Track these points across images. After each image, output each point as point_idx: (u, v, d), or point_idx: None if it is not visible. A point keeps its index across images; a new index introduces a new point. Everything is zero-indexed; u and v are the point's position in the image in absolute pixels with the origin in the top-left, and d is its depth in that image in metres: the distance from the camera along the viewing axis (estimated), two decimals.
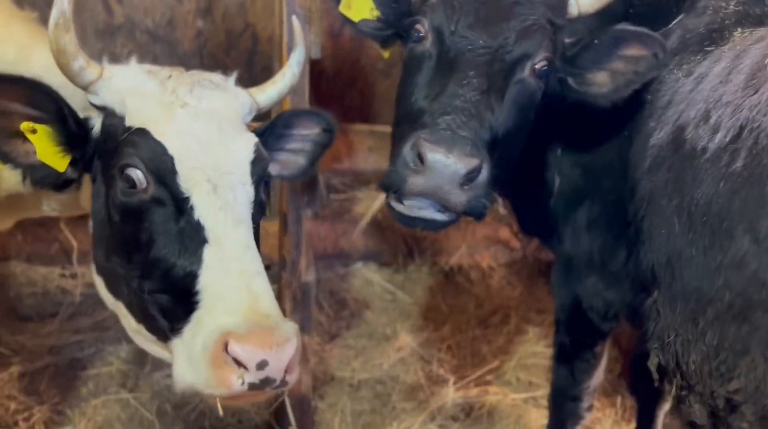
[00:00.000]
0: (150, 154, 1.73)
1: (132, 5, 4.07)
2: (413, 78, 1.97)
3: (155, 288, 1.74)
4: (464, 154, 1.70)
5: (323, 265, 4.10)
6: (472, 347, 3.75)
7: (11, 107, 1.71)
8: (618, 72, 2.00)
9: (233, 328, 1.58)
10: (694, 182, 1.60)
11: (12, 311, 3.54)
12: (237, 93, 1.99)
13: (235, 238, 1.72)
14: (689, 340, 1.55)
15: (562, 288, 2.38)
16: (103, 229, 1.86)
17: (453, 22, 1.91)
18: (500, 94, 1.89)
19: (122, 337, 3.52)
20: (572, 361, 2.45)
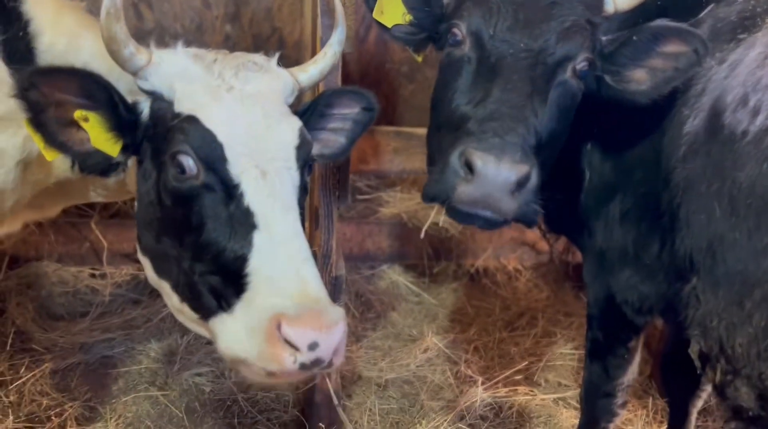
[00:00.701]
0: (200, 142, 1.77)
1: (162, 11, 4.14)
2: (453, 83, 1.96)
3: (206, 270, 1.78)
4: (515, 161, 1.69)
5: (349, 266, 4.08)
6: (500, 349, 3.72)
7: (65, 97, 1.76)
8: (657, 69, 1.97)
9: (285, 310, 1.63)
10: (735, 166, 1.59)
11: (44, 310, 3.59)
12: (280, 74, 2.01)
13: (285, 223, 1.76)
14: (734, 324, 1.53)
15: (595, 282, 2.35)
16: (152, 211, 1.89)
17: (492, 26, 1.90)
18: (543, 97, 1.88)
19: (151, 336, 3.58)
20: (606, 356, 2.42)
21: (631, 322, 2.28)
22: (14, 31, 1.93)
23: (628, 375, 2.45)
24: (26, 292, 3.61)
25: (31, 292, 3.63)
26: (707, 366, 1.68)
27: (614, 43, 2.01)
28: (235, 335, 1.72)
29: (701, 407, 2.88)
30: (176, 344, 3.51)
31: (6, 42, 1.90)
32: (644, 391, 3.38)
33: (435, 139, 2.04)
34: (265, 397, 3.24)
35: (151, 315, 3.70)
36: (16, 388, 3.07)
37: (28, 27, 1.98)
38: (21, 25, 1.96)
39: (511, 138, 1.74)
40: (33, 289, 3.65)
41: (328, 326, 1.63)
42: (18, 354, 3.28)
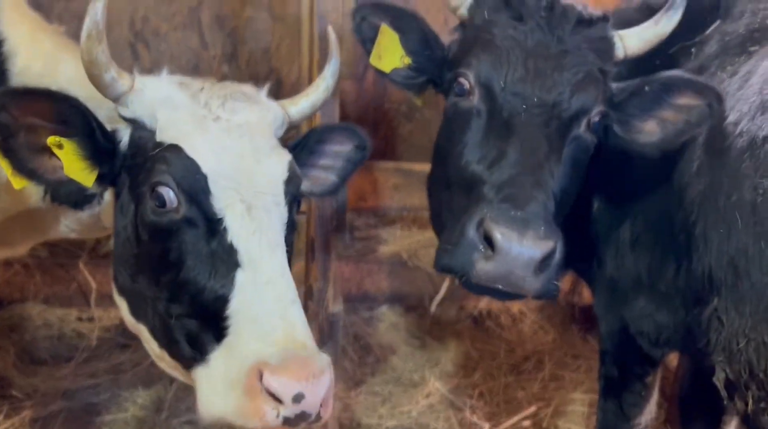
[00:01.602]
0: (183, 172, 1.66)
1: (159, 51, 4.13)
2: (462, 136, 1.85)
3: (183, 312, 1.65)
4: (539, 238, 1.56)
5: (347, 308, 3.94)
6: (506, 394, 3.55)
7: (38, 122, 1.65)
8: (668, 121, 1.89)
9: (268, 358, 1.49)
10: (757, 172, 1.49)
11: (26, 354, 3.43)
12: (269, 106, 1.93)
13: (270, 262, 1.64)
14: (766, 343, 1.40)
15: (608, 314, 2.23)
16: (128, 247, 1.77)
17: (502, 77, 1.80)
18: (558, 155, 1.78)
19: (139, 382, 3.40)
20: (621, 394, 2.27)
21: (647, 356, 2.15)
22: None
23: (645, 414, 2.29)
24: (8, 336, 3.46)
25: (14, 335, 3.48)
26: (736, 395, 1.54)
27: (624, 92, 1.92)
28: (213, 389, 1.59)
29: None
30: (165, 391, 3.34)
31: None
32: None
33: (443, 196, 1.93)
34: None
35: (140, 359, 3.52)
36: None
37: (2, 47, 1.91)
38: None
39: (533, 209, 1.62)
40: (16, 332, 3.50)
41: (315, 375, 1.50)
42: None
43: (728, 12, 2.00)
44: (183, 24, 4.15)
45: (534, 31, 1.82)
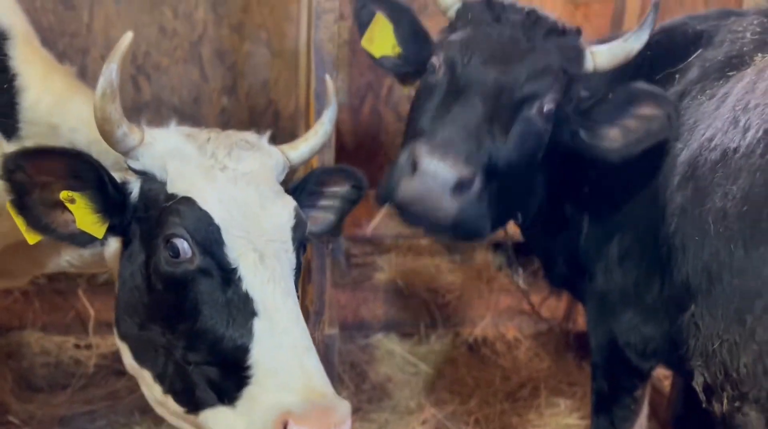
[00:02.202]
0: (196, 223, 1.69)
1: (159, 84, 4.25)
2: (422, 104, 2.02)
3: (201, 359, 1.68)
4: (456, 163, 1.72)
5: (343, 336, 3.97)
6: (502, 420, 3.55)
7: (52, 179, 1.68)
8: (630, 129, 2.01)
9: (292, 408, 1.53)
10: (728, 180, 1.56)
11: (24, 381, 3.44)
12: (271, 152, 1.97)
13: (285, 310, 1.67)
14: (737, 343, 1.45)
15: (598, 327, 2.28)
16: (137, 295, 1.78)
17: (467, 57, 1.97)
18: (504, 126, 1.92)
19: (135, 408, 3.41)
20: (612, 408, 2.30)
21: (636, 368, 2.19)
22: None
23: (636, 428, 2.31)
24: (6, 363, 3.47)
25: (12, 362, 3.49)
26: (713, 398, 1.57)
27: (590, 101, 2.06)
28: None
29: None
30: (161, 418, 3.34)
31: None
32: None
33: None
34: None
35: (136, 387, 3.44)
36: None
37: (14, 81, 1.95)
38: (7, 78, 1.94)
39: (459, 145, 1.78)
40: (13, 359, 3.51)
41: (336, 424, 1.53)
42: None
43: (710, 41, 2.12)
44: (184, 58, 4.28)
45: (508, 29, 1.99)
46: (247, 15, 4.26)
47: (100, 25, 4.08)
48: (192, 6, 4.19)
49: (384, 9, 2.17)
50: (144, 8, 4.13)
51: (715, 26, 2.14)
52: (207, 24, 4.24)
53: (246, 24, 4.28)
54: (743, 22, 2.07)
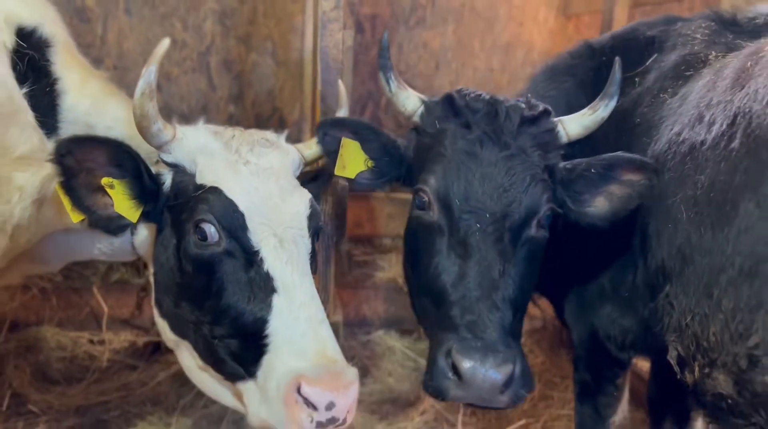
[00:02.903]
0: (223, 211, 1.88)
1: (170, 93, 4.43)
2: (429, 248, 1.99)
3: (225, 333, 1.86)
4: (498, 364, 1.72)
5: (346, 332, 4.14)
6: (497, 412, 3.69)
7: (96, 165, 1.87)
8: (614, 194, 2.06)
9: (305, 372, 1.71)
10: (696, 171, 1.74)
11: (41, 373, 3.58)
12: (288, 149, 2.18)
13: (302, 288, 1.86)
14: (707, 315, 1.62)
15: (579, 322, 2.41)
16: (171, 276, 1.99)
17: (456, 194, 1.94)
18: (513, 261, 1.92)
19: (147, 399, 3.56)
20: (595, 396, 2.44)
21: (616, 358, 2.33)
22: (41, 86, 2.09)
23: (618, 414, 2.47)
24: (25, 356, 3.62)
25: (30, 356, 3.64)
26: (686, 369, 1.75)
27: (573, 172, 2.08)
28: (259, 400, 1.80)
29: None
30: (172, 408, 3.50)
31: (32, 94, 2.05)
32: None
33: (421, 302, 2.08)
34: None
35: (148, 380, 3.70)
36: None
37: (55, 85, 2.13)
38: (48, 82, 2.11)
39: (491, 335, 1.77)
40: (31, 353, 3.66)
41: (345, 387, 1.71)
42: (13, 416, 3.26)
43: (662, 46, 2.28)
44: (192, 68, 4.47)
45: (481, 139, 1.96)
46: (254, 27, 4.47)
47: (113, 37, 4.28)
48: (201, 19, 4.40)
49: (345, 132, 2.18)
50: (155, 21, 4.33)
51: (664, 31, 2.29)
52: (215, 36, 4.45)
53: (252, 35, 4.48)
54: (691, 26, 2.22)
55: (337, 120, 2.25)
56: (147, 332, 3.94)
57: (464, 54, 4.75)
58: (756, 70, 1.68)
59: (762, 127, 1.56)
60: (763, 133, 1.55)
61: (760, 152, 1.55)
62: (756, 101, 1.60)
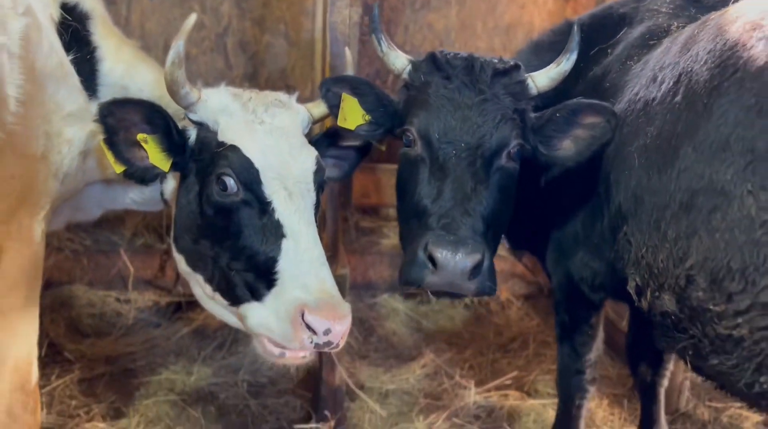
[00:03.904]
0: (240, 167, 2.18)
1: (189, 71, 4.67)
2: (413, 178, 2.26)
3: (241, 267, 2.17)
4: (468, 253, 1.99)
5: (353, 295, 4.44)
6: (493, 367, 3.98)
7: (133, 123, 2.17)
8: (579, 137, 2.31)
9: (308, 302, 2.03)
10: (648, 123, 2.00)
11: (73, 327, 3.91)
12: (299, 109, 2.47)
13: (307, 234, 2.17)
14: (656, 246, 1.89)
15: (557, 268, 2.69)
16: (193, 218, 2.28)
17: (436, 129, 2.22)
18: (485, 184, 2.20)
19: (170, 351, 3.88)
20: (573, 336, 2.72)
21: (589, 299, 2.60)
22: (83, 54, 2.38)
23: (593, 351, 2.75)
24: (59, 310, 3.96)
25: (63, 310, 3.97)
26: (641, 296, 2.02)
27: (542, 119, 2.35)
28: (265, 318, 2.11)
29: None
30: (194, 359, 3.82)
31: (76, 60, 2.34)
32: (628, 400, 3.63)
33: (405, 226, 2.38)
34: (275, 402, 3.51)
35: (171, 335, 4.02)
36: (48, 392, 3.37)
37: (95, 52, 2.43)
38: (89, 50, 2.41)
39: (462, 232, 2.05)
40: (65, 308, 3.99)
41: (340, 317, 2.03)
42: (50, 364, 3.59)
43: (632, 20, 2.55)
44: (210, 48, 4.77)
45: (459, 87, 2.25)
46: (268, 9, 4.75)
47: (136, 18, 4.58)
48: (218, 1, 4.68)
49: (345, 88, 2.42)
50: (175, 3, 4.62)
51: (634, 8, 2.54)
52: (231, 18, 4.73)
53: (266, 17, 4.76)
54: (658, 2, 2.47)
55: (338, 77, 2.54)
56: (169, 293, 4.25)
57: (467, 35, 5.01)
58: (700, 36, 1.94)
59: (699, 84, 1.82)
60: (699, 88, 1.81)
61: (696, 105, 1.81)
62: (696, 62, 1.86)
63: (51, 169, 2.17)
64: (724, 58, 1.77)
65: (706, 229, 1.70)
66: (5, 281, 2.00)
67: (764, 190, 1.59)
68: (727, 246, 1.66)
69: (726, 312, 1.69)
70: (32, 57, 2.05)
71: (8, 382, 2.08)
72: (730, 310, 1.67)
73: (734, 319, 1.67)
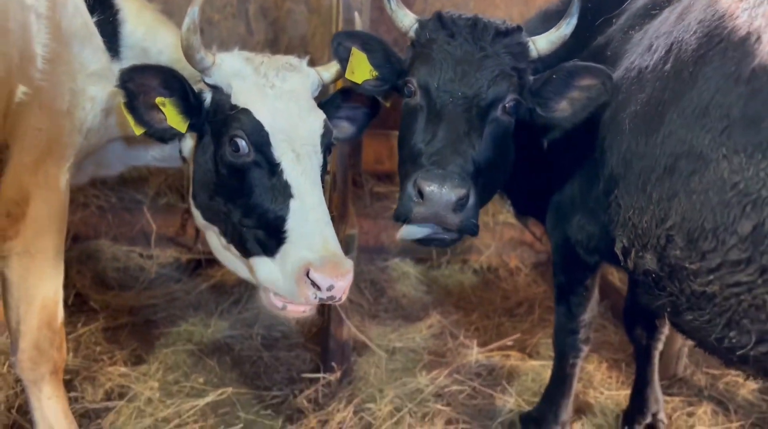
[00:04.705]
0: (251, 129, 2.30)
1: (211, 36, 4.83)
2: (411, 126, 2.37)
3: (252, 224, 2.31)
4: (453, 186, 2.09)
5: (365, 258, 4.60)
6: (498, 330, 4.11)
7: (151, 87, 2.29)
8: (575, 99, 2.38)
9: (313, 261, 2.17)
10: (639, 90, 2.08)
11: (98, 279, 4.13)
12: (309, 73, 2.56)
13: (313, 195, 2.29)
14: (642, 208, 1.98)
15: (555, 231, 2.78)
16: (208, 176, 2.42)
17: (436, 80, 2.32)
18: (479, 132, 2.29)
19: (190, 305, 4.08)
20: (568, 297, 2.83)
21: (585, 262, 2.70)
22: (106, 16, 2.50)
23: (588, 312, 2.85)
24: (86, 263, 4.17)
25: (89, 263, 4.19)
26: (627, 257, 2.12)
27: (539, 81, 2.42)
28: (274, 273, 2.27)
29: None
30: (211, 312, 4.02)
31: (100, 22, 2.46)
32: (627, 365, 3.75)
33: (402, 171, 2.49)
34: (287, 355, 3.70)
35: (191, 289, 4.22)
36: (74, 338, 3.59)
37: (117, 15, 2.54)
38: (112, 12, 2.52)
39: (450, 168, 2.13)
40: (91, 261, 4.21)
41: (342, 274, 2.17)
42: (76, 313, 3.81)
43: None
44: (232, 14, 4.87)
45: (462, 44, 2.35)
46: None
47: None
48: None
49: (356, 42, 2.52)
50: None
51: None
52: None
53: None
54: None
55: (350, 32, 2.65)
56: (189, 250, 4.44)
57: (485, 4, 5.04)
58: (694, 6, 2.00)
59: (687, 53, 1.89)
60: (686, 57, 1.89)
61: (683, 73, 1.88)
62: (687, 32, 1.93)
63: (75, 123, 2.32)
64: (711, 27, 1.84)
65: (684, 192, 1.79)
66: (34, 226, 2.17)
67: (737, 154, 1.68)
68: (702, 207, 1.75)
69: (700, 270, 1.78)
70: (58, 17, 2.19)
71: (37, 319, 2.26)
72: (704, 268, 1.77)
73: (707, 276, 1.77)
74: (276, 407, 3.25)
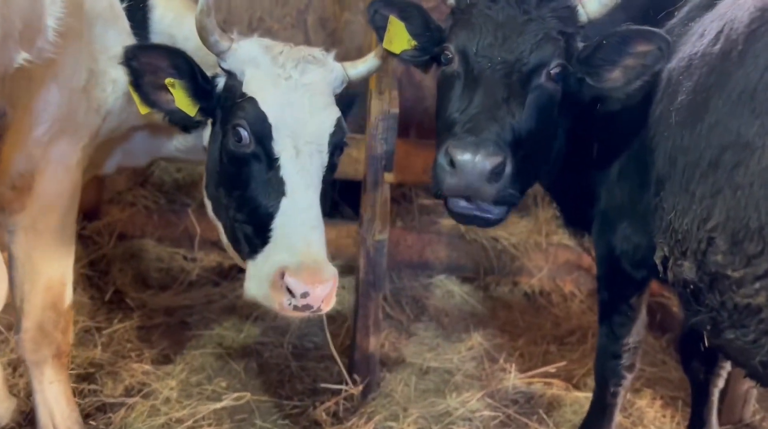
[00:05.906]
0: (254, 120, 2.22)
1: None
2: (447, 94, 2.24)
3: (243, 219, 2.23)
4: (488, 154, 1.94)
5: (408, 274, 4.42)
6: (544, 358, 3.82)
7: (158, 68, 2.26)
8: (629, 67, 2.19)
9: (289, 265, 2.06)
10: (687, 78, 1.86)
11: (139, 278, 4.15)
12: (333, 67, 2.46)
13: (305, 196, 2.19)
14: (684, 208, 1.74)
15: (600, 241, 2.55)
16: (215, 165, 2.36)
17: (474, 45, 2.19)
18: (521, 100, 2.13)
19: (225, 310, 4.03)
20: (612, 315, 2.57)
21: (630, 277, 2.45)
22: (137, 2, 2.50)
23: (633, 335, 2.57)
24: (128, 261, 4.20)
25: (132, 262, 4.22)
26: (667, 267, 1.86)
27: (589, 48, 2.24)
28: (253, 279, 2.18)
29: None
30: (245, 318, 3.94)
31: (129, 8, 2.47)
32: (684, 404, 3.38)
33: (439, 139, 2.31)
34: (315, 366, 3.56)
35: (227, 293, 4.17)
36: (108, 334, 3.59)
37: (147, 2, 2.54)
38: None
39: (485, 135, 1.99)
40: (134, 260, 4.24)
41: (320, 282, 2.05)
42: (114, 309, 3.83)
43: None
44: (291, 24, 4.90)
45: (504, 8, 2.21)
46: None
47: None
48: None
49: (393, 10, 2.39)
50: None
51: None
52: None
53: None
54: None
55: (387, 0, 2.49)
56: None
57: None
58: None
59: (738, 30, 1.66)
60: (736, 35, 1.66)
61: (731, 53, 1.65)
62: (739, 8, 1.70)
63: (92, 104, 2.30)
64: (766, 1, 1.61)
65: (729, 187, 1.56)
66: (41, 202, 2.15)
67: None
68: (747, 203, 1.50)
69: (744, 278, 1.53)
70: None
71: (41, 299, 2.23)
72: (748, 276, 1.52)
73: (752, 285, 1.51)
74: (294, 417, 3.11)
